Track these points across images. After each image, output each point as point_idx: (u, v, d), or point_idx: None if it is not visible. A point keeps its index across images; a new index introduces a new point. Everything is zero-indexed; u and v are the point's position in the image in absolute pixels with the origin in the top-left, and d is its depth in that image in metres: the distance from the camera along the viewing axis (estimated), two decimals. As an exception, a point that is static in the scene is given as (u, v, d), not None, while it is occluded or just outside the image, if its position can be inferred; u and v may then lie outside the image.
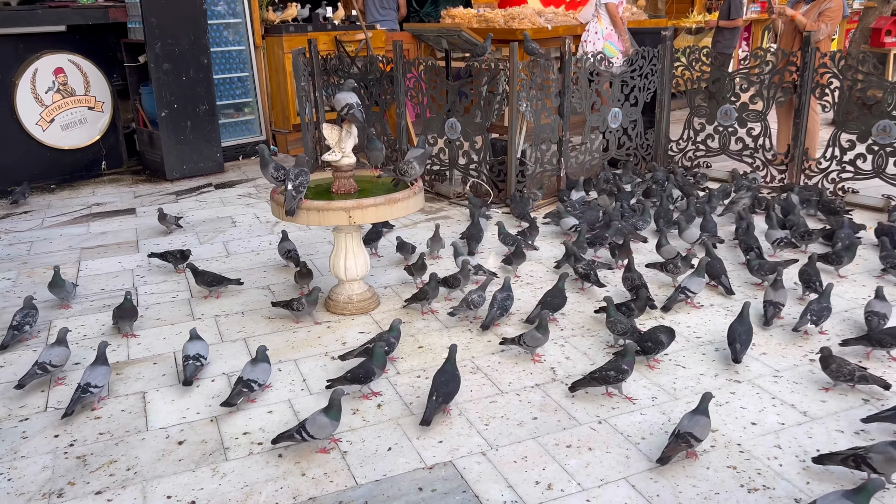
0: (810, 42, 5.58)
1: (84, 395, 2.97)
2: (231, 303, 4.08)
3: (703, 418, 2.63)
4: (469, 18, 8.01)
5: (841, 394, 3.03)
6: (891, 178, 5.33)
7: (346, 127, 3.67)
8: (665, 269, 4.16)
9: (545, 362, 3.33)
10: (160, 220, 5.25)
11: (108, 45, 7.17)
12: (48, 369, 3.17)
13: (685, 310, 3.86)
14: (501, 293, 3.68)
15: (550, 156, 5.90)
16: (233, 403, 2.98)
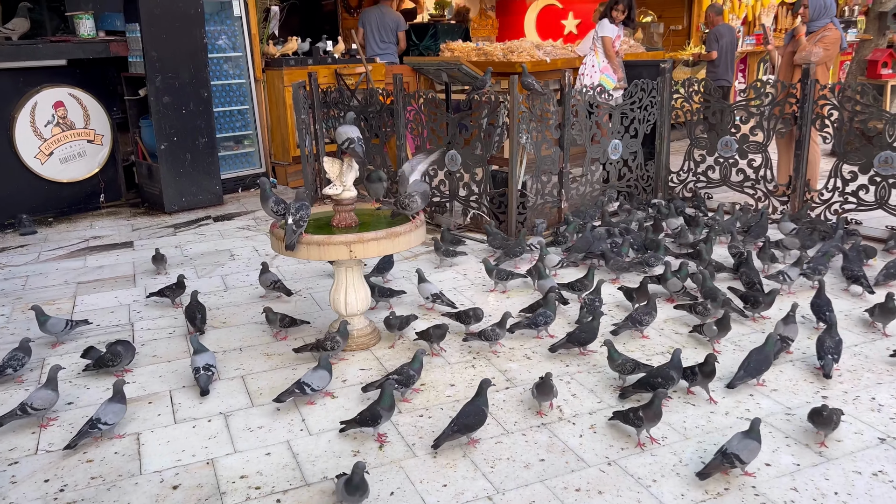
0: (809, 74, 5.59)
1: (92, 430, 2.92)
2: (229, 338, 4.01)
3: (754, 442, 2.64)
4: (468, 52, 8.05)
5: (857, 432, 2.95)
6: (894, 210, 5.30)
7: (347, 160, 3.63)
8: (694, 311, 3.97)
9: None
10: (154, 261, 5.12)
11: (108, 79, 7.18)
12: (28, 412, 3.07)
13: (692, 344, 3.78)
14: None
15: (551, 187, 5.88)
16: (282, 400, 3.19)
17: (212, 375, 3.40)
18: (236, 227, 6.42)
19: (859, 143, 5.41)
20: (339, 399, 3.32)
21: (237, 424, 3.12)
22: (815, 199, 5.81)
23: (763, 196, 6.07)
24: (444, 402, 3.27)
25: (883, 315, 3.84)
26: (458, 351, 3.76)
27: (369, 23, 8.57)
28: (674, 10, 11.80)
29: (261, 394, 3.38)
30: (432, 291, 4.26)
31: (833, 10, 6.35)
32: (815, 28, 6.29)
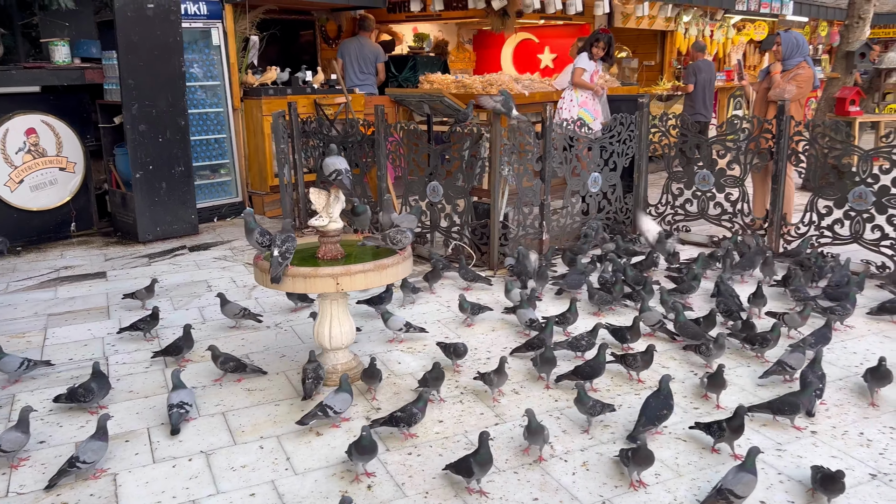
0: (785, 110, 5.71)
1: (71, 468, 2.80)
2: (209, 373, 3.89)
3: (749, 475, 2.60)
4: (447, 84, 8.10)
5: (849, 468, 2.94)
6: (869, 244, 5.39)
7: (333, 192, 3.58)
8: (697, 351, 3.89)
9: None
10: (146, 291, 4.93)
11: (82, 106, 7.07)
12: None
13: (679, 377, 3.77)
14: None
15: (532, 219, 5.89)
16: (305, 423, 3.21)
17: (185, 413, 3.29)
18: (213, 257, 6.30)
19: (833, 178, 5.53)
20: (323, 436, 3.23)
21: (219, 463, 3.00)
22: (791, 233, 5.90)
23: (740, 229, 6.15)
24: (433, 439, 3.19)
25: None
26: (446, 386, 3.69)
27: (348, 54, 8.59)
28: (647, 47, 12.05)
29: (243, 431, 3.27)
30: (402, 323, 4.22)
31: (805, 49, 6.53)
32: (789, 66, 6.46)
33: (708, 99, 9.17)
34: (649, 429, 3.16)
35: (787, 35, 6.55)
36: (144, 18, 6.43)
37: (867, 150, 5.37)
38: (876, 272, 5.37)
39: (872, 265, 5.42)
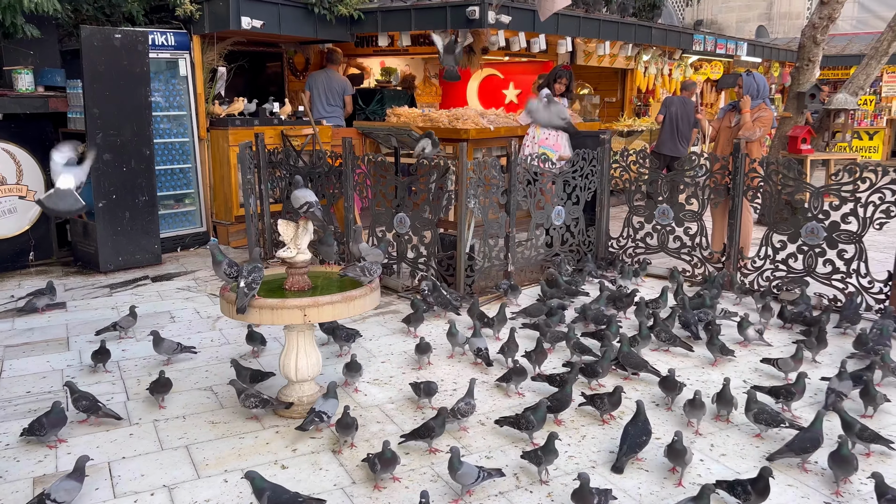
0: (740, 148, 5.93)
1: None
2: (171, 405, 3.84)
3: None
4: (414, 117, 8.20)
5: (803, 496, 3.02)
6: (822, 278, 5.58)
7: (302, 223, 3.61)
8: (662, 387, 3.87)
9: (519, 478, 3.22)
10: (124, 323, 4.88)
11: (45, 134, 6.99)
12: None
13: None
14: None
15: (498, 251, 5.98)
16: (305, 429, 3.40)
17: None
18: (176, 287, 6.24)
19: (787, 213, 5.73)
20: (289, 469, 3.21)
21: (182, 498, 2.97)
22: (747, 266, 6.08)
23: (699, 262, 6.32)
24: (399, 471, 3.20)
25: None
26: (412, 419, 3.70)
27: (316, 86, 8.66)
28: (608, 84, 12.38)
29: (207, 464, 3.23)
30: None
31: (766, 92, 6.75)
32: (750, 107, 6.64)
33: (680, 133, 9.32)
34: (631, 457, 3.23)
35: (748, 77, 6.74)
36: (111, 48, 6.42)
37: (818, 187, 5.60)
38: (829, 304, 5.55)
39: (825, 298, 5.61)
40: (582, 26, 9.15)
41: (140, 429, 3.57)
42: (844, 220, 5.39)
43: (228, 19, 7.17)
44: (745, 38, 15.18)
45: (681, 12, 22.38)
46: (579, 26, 9.09)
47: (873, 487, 2.85)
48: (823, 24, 9.08)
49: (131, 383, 4.14)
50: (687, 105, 9.44)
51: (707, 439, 3.50)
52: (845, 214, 5.37)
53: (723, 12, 23.46)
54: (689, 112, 9.40)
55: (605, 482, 3.09)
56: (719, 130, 6.93)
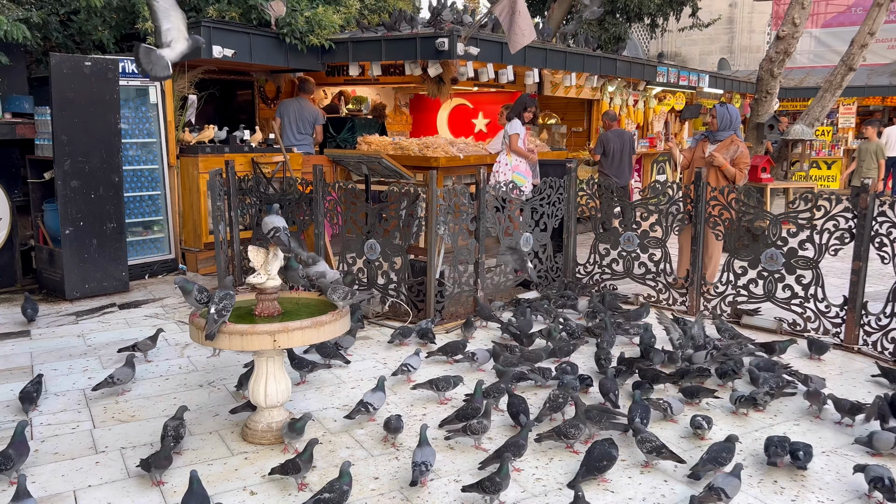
0: (701, 176, 6.11)
1: None
2: (139, 433, 3.81)
3: (736, 480, 3.08)
4: (385, 146, 8.31)
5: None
6: (781, 302, 5.75)
7: (272, 249, 3.65)
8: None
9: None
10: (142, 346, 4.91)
11: (11, 161, 6.94)
12: None
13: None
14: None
15: (468, 277, 6.06)
16: (352, 417, 3.87)
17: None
18: (143, 314, 6.19)
19: (748, 240, 5.91)
20: (258, 495, 3.21)
21: (149, 526, 2.95)
22: (710, 292, 6.23)
23: (663, 288, 6.46)
24: (369, 496, 3.22)
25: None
26: (381, 443, 3.72)
27: (287, 114, 8.73)
28: (575, 114, 12.64)
29: (175, 492, 3.21)
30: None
31: (738, 123, 6.94)
32: (721, 138, 6.77)
33: (623, 166, 9.55)
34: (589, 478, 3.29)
35: (721, 108, 6.87)
36: (81, 76, 6.42)
37: (777, 214, 5.78)
38: (788, 329, 5.71)
39: (784, 322, 5.77)
40: (549, 58, 9.38)
41: (107, 457, 3.54)
42: (802, 247, 5.57)
43: (199, 48, 7.22)
44: (707, 70, 15.66)
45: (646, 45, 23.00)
46: (546, 58, 9.31)
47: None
48: (780, 58, 9.44)
49: (98, 410, 4.10)
50: (624, 137, 9.61)
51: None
52: (802, 241, 5.56)
53: (686, 45, 24.16)
54: (627, 143, 9.57)
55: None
56: (692, 160, 7.04)
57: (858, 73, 12.70)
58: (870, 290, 5.46)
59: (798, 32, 9.82)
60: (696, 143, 7.25)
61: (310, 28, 7.88)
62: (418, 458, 3.27)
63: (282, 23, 7.73)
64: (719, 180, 6.68)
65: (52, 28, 7.05)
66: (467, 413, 3.78)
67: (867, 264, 5.29)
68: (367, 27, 8.80)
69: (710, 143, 6.90)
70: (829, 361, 5.07)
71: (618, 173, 9.44)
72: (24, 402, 4.04)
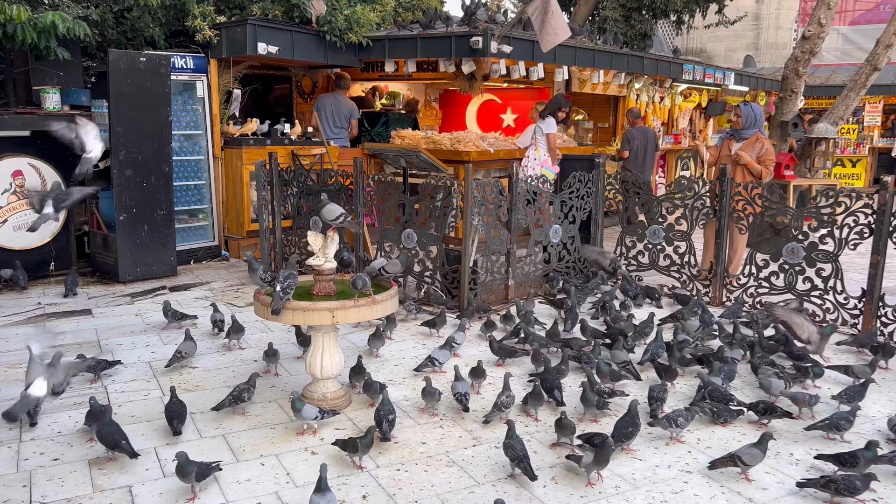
0: (726, 173, 6.36)
1: None
2: (204, 401, 4.17)
3: (758, 451, 3.35)
4: (418, 140, 8.62)
5: (779, 482, 3.39)
6: (801, 294, 5.99)
7: (330, 234, 3.98)
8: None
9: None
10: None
11: (68, 151, 7.30)
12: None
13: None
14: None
15: (499, 266, 6.36)
16: (420, 370, 4.51)
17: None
18: (194, 297, 6.57)
19: (770, 234, 6.15)
20: (318, 455, 3.55)
21: (225, 477, 3.31)
22: (732, 284, 6.49)
23: (688, 280, 6.72)
24: (418, 458, 3.55)
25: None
26: (428, 414, 4.06)
27: (324, 108, 9.07)
28: (601, 110, 12.86)
29: (244, 450, 3.57)
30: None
31: (762, 121, 7.17)
32: (747, 136, 7.02)
33: (646, 163, 9.79)
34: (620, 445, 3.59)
35: (746, 107, 7.11)
36: (136, 71, 6.81)
37: (798, 209, 6.03)
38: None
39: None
40: (578, 56, 9.62)
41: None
42: (822, 241, 5.81)
43: (245, 45, 7.59)
44: (732, 67, 15.76)
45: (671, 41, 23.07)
46: (575, 56, 9.56)
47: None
48: (805, 57, 9.61)
49: (166, 381, 4.47)
50: (648, 134, 9.86)
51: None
52: (823, 235, 5.80)
53: (711, 41, 24.18)
54: (650, 140, 9.82)
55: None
56: (718, 158, 7.29)
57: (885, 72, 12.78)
58: (889, 285, 5.69)
59: (824, 32, 9.98)
60: (721, 140, 7.48)
61: (348, 26, 8.21)
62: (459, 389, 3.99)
63: (322, 21, 8.06)
64: (745, 177, 6.91)
65: (108, 25, 7.44)
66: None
67: (885, 258, 5.52)
68: (404, 25, 9.11)
69: (735, 142, 7.13)
70: (847, 350, 5.31)
71: (641, 170, 9.66)
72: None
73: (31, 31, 6.22)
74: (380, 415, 3.64)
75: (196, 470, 3.09)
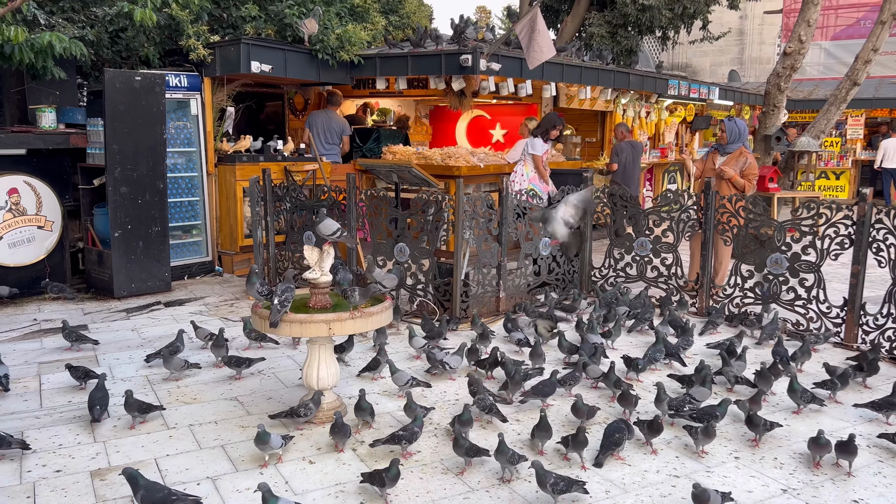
0: (710, 186, 6.52)
1: None
2: (202, 413, 4.25)
3: (706, 390, 4.14)
4: (409, 156, 8.76)
5: (764, 485, 3.50)
6: (785, 304, 6.14)
7: (326, 248, 4.09)
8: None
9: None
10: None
11: (63, 169, 7.42)
12: None
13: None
14: None
15: (490, 278, 6.48)
16: (431, 373, 4.85)
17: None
18: (188, 311, 6.64)
19: (754, 246, 6.30)
20: (316, 464, 3.64)
21: (225, 486, 3.39)
22: (718, 294, 6.63)
23: (674, 290, 6.86)
24: (413, 465, 3.64)
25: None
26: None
27: (316, 125, 9.19)
28: (589, 125, 13.07)
29: (242, 461, 3.65)
30: (406, 378, 4.53)
31: (746, 135, 7.36)
32: (730, 150, 7.23)
33: (633, 176, 10.00)
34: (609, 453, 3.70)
35: (730, 122, 7.31)
36: (131, 89, 6.92)
37: (781, 221, 6.19)
38: (791, 328, 6.10)
39: (788, 322, 6.16)
40: (565, 72, 9.81)
41: (177, 431, 3.98)
42: (804, 252, 5.97)
43: (239, 63, 7.71)
44: (717, 82, 16.03)
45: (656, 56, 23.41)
46: (563, 72, 9.75)
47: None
48: (787, 73, 9.85)
49: (163, 394, 4.55)
50: (636, 148, 10.13)
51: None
52: (805, 246, 5.95)
53: (697, 56, 24.54)
54: (637, 154, 10.09)
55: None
56: (703, 171, 7.47)
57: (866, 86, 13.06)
58: (870, 295, 5.84)
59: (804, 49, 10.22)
60: (707, 155, 7.66)
61: (340, 44, 8.35)
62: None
63: (314, 40, 8.20)
64: (729, 190, 7.08)
65: (103, 44, 7.55)
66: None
67: (865, 268, 5.68)
68: (394, 43, 9.27)
69: (719, 156, 7.31)
70: (829, 358, 5.44)
71: (629, 182, 9.86)
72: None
73: (28, 52, 6.32)
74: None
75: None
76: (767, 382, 4.55)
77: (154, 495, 2.98)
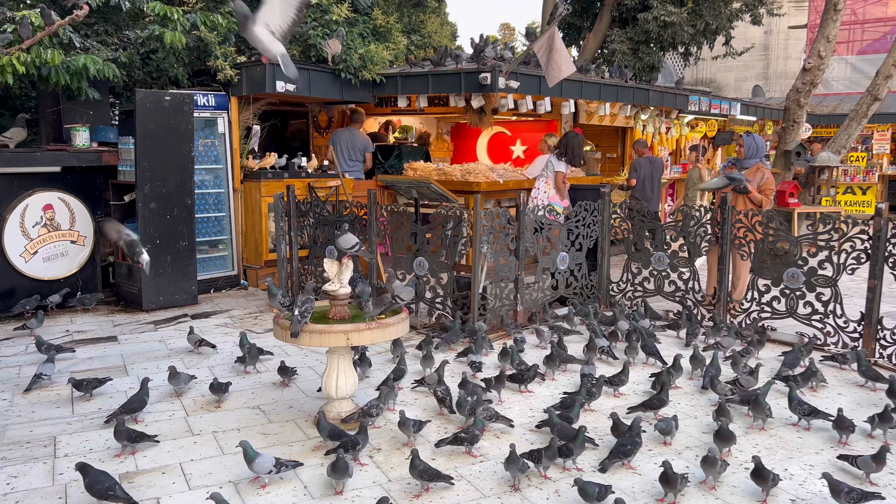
0: (727, 201, 6.58)
1: None
2: (226, 420, 4.41)
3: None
4: (430, 172, 8.92)
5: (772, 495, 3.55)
6: (802, 318, 6.15)
7: (345, 261, 4.24)
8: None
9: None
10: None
11: (96, 185, 7.70)
12: None
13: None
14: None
15: (508, 292, 6.58)
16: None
17: None
18: (214, 324, 6.84)
19: (771, 260, 6.33)
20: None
21: (247, 490, 3.53)
22: (736, 308, 6.66)
23: (693, 305, 6.89)
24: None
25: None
26: (436, 432, 4.25)
27: (339, 142, 9.41)
28: (609, 140, 13.17)
29: (263, 466, 3.79)
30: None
31: (763, 151, 7.42)
32: (748, 165, 7.29)
33: (653, 191, 10.08)
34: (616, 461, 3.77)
35: (748, 138, 7.39)
36: (161, 109, 7.18)
37: (797, 236, 6.21)
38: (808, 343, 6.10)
39: (805, 336, 6.16)
40: (584, 89, 9.93)
41: (202, 438, 4.13)
42: (821, 266, 5.99)
43: (265, 83, 7.96)
44: (741, 97, 16.04)
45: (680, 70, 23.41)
46: (581, 89, 9.87)
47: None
48: (806, 88, 9.86)
49: (188, 402, 4.71)
50: (655, 163, 10.22)
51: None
52: (822, 261, 5.97)
53: (721, 71, 24.50)
54: (657, 169, 10.18)
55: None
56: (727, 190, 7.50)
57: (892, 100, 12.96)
58: (890, 310, 5.84)
59: (824, 64, 10.23)
60: (726, 168, 7.72)
61: (363, 64, 8.57)
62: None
63: (338, 59, 8.43)
64: (746, 205, 7.12)
65: (135, 66, 7.84)
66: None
67: (882, 283, 5.69)
68: (415, 62, 9.47)
69: (737, 169, 7.36)
70: (847, 372, 5.45)
71: (648, 198, 9.94)
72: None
73: (64, 74, 6.61)
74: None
75: None
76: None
77: (96, 486, 3.29)
